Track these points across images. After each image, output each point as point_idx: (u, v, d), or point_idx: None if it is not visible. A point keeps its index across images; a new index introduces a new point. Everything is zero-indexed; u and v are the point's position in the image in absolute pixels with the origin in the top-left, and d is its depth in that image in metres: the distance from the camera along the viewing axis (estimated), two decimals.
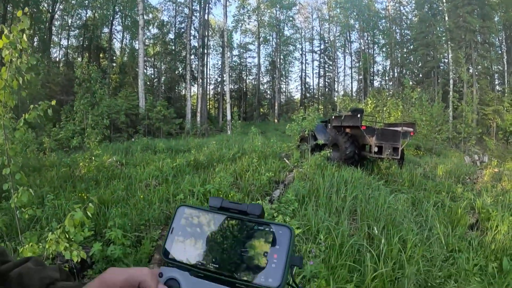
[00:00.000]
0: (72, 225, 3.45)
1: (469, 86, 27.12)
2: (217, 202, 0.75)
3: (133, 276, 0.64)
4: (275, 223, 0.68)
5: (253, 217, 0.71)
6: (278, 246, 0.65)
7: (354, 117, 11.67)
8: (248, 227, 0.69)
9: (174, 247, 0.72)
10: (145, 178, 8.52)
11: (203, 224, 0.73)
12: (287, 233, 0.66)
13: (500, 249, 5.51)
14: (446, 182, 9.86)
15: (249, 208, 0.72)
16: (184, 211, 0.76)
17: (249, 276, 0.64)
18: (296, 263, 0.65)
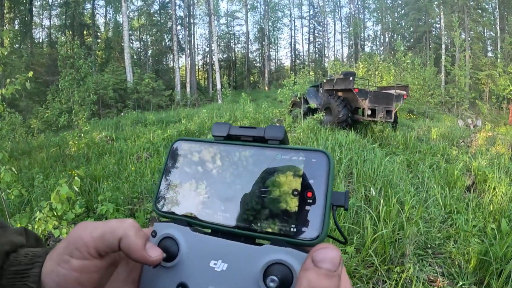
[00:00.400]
0: (58, 201, 3.29)
1: (462, 51, 26.97)
2: (223, 129, 0.57)
3: (110, 230, 0.46)
4: (306, 148, 0.50)
5: (273, 144, 0.52)
6: (312, 180, 0.47)
7: (346, 80, 11.47)
8: (268, 158, 0.51)
9: (170, 195, 0.56)
10: (136, 151, 8.51)
11: (207, 160, 0.55)
12: (324, 161, 0.48)
13: (498, 210, 5.45)
14: (441, 145, 9.75)
15: (267, 132, 0.53)
16: (180, 147, 0.58)
17: (274, 226, 0.47)
18: (339, 202, 0.48)
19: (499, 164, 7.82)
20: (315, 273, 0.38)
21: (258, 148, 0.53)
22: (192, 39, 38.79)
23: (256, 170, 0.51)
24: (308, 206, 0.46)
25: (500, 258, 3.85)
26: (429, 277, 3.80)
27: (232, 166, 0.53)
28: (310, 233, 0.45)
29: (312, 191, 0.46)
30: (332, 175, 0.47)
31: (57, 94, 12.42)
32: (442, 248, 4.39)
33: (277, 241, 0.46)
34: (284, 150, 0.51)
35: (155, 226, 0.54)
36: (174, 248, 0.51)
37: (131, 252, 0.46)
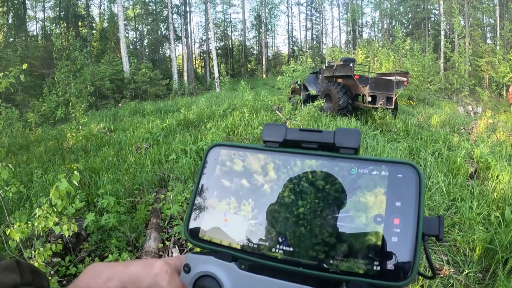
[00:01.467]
0: (58, 196, 3.17)
1: (461, 38, 26.81)
2: (278, 132, 0.44)
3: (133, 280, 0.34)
4: (389, 160, 0.39)
5: (347, 153, 0.41)
6: (399, 203, 0.37)
7: (346, 67, 11.33)
8: (340, 172, 0.40)
9: (208, 219, 0.43)
10: (135, 142, 8.44)
11: (256, 173, 0.43)
12: (413, 177, 0.37)
13: (502, 198, 5.39)
14: (442, 132, 9.69)
15: (338, 137, 0.41)
16: (219, 155, 0.45)
17: (353, 264, 0.36)
18: (432, 231, 0.37)
19: (501, 152, 7.76)
20: None
21: (326, 158, 0.42)
22: (189, 27, 38.47)
23: (325, 189, 0.40)
24: (395, 237, 0.36)
25: (506, 246, 3.81)
26: (435, 266, 3.76)
27: (291, 181, 0.42)
28: (397, 272, 0.35)
29: (399, 217, 0.37)
30: (423, 194, 0.38)
31: (54, 87, 12.40)
32: (447, 236, 4.35)
33: (356, 283, 0.36)
34: (361, 162, 0.41)
35: (188, 258, 0.42)
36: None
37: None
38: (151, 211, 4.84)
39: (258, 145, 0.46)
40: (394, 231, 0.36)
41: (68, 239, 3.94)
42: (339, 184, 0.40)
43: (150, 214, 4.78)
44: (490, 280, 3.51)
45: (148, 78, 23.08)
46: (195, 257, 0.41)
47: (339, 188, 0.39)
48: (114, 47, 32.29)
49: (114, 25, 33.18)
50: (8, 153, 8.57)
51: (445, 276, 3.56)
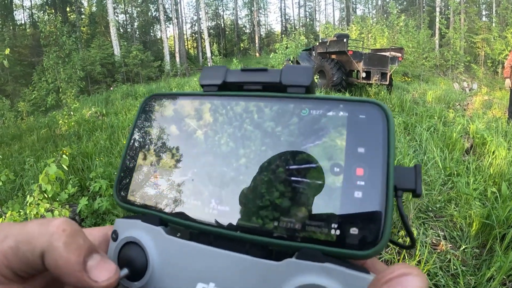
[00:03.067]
0: (47, 182, 3.13)
1: (456, 14, 26.66)
2: (217, 74, 0.37)
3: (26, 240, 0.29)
4: (348, 98, 0.33)
5: (297, 92, 0.34)
6: (362, 149, 0.30)
7: (340, 42, 11.24)
8: (289, 115, 0.33)
9: (138, 179, 0.38)
10: (128, 124, 8.38)
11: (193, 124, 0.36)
12: (379, 117, 0.31)
13: (498, 174, 5.34)
14: (437, 107, 9.64)
15: (285, 76, 0.34)
16: (154, 106, 0.39)
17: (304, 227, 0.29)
18: (407, 185, 0.29)
19: (497, 128, 7.72)
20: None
21: (272, 100, 0.34)
22: (179, 8, 38.33)
23: (270, 135, 0.32)
24: (359, 192, 0.28)
25: (503, 222, 3.77)
26: (432, 241, 3.71)
27: (231, 130, 0.34)
28: (362, 237, 0.27)
29: (363, 167, 0.29)
30: (393, 139, 0.30)
31: (43, 74, 12.29)
32: (444, 211, 4.31)
33: (307, 251, 0.28)
34: (314, 102, 0.33)
35: (117, 223, 0.36)
36: (142, 259, 0.32)
37: (62, 275, 0.28)
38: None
39: (196, 91, 0.39)
40: (356, 184, 0.29)
41: None
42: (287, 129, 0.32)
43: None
44: (488, 255, 3.47)
45: (140, 60, 23.07)
46: (122, 221, 0.35)
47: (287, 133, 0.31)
48: (103, 31, 32.42)
49: (103, 9, 32.93)
50: (0, 144, 8.55)
51: (442, 251, 3.51)
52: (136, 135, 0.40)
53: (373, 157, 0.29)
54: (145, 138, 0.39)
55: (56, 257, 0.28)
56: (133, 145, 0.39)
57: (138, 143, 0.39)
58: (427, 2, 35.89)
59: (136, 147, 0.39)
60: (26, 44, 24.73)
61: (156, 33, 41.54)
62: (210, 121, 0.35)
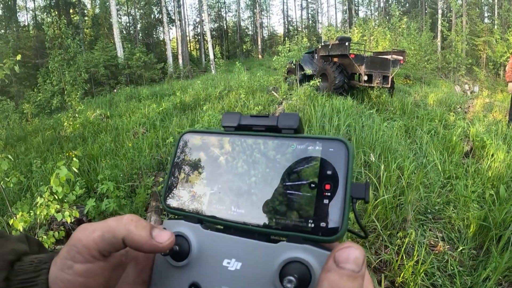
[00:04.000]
0: (58, 184, 3.25)
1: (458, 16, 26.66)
2: (233, 119, 0.55)
3: (109, 230, 0.44)
4: (323, 137, 0.47)
5: (288, 133, 0.50)
6: (330, 171, 0.44)
7: (342, 46, 11.25)
8: (282, 148, 0.48)
9: (179, 190, 0.53)
10: (132, 127, 8.53)
11: (217, 153, 0.53)
12: (342, 150, 0.45)
13: (497, 177, 5.44)
14: (438, 110, 9.71)
15: (280, 121, 0.50)
16: (189, 139, 0.56)
17: (290, 222, 0.44)
18: (359, 195, 0.44)
19: (497, 131, 7.79)
20: (338, 274, 0.35)
21: (271, 138, 0.50)
22: (182, 10, 38.21)
23: (270, 162, 0.48)
24: (327, 200, 0.43)
25: (499, 224, 3.85)
26: (430, 242, 3.80)
27: (244, 158, 0.50)
28: (328, 228, 0.42)
29: (330, 183, 0.43)
30: (351, 165, 0.43)
31: (48, 77, 12.45)
32: (442, 213, 4.39)
33: (294, 237, 0.43)
34: (299, 139, 0.48)
35: (165, 223, 0.51)
36: (185, 246, 0.48)
37: (139, 247, 0.43)
38: (150, 195, 4.91)
39: (219, 130, 0.55)
40: (325, 195, 0.43)
41: (70, 225, 3.99)
42: (280, 158, 0.47)
43: (149, 198, 4.86)
44: (484, 256, 3.55)
45: (143, 62, 23.13)
46: (169, 222, 0.51)
47: (280, 161, 0.47)
48: (107, 33, 32.28)
49: (106, 11, 32.99)
50: (6, 145, 8.72)
51: (440, 252, 3.60)
52: (176, 159, 0.55)
53: (336, 177, 0.43)
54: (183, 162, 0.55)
55: (133, 236, 0.42)
56: (175, 167, 0.55)
57: (178, 166, 0.55)
58: (430, 4, 35.83)
59: (177, 169, 0.54)
60: (30, 46, 24.73)
61: (159, 35, 41.50)
62: (229, 151, 0.51)
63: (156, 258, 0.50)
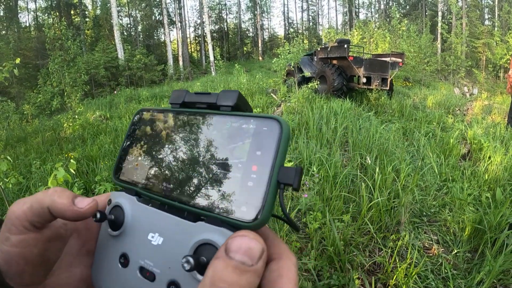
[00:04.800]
0: (56, 185, 3.26)
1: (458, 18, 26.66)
2: (179, 96, 0.54)
3: (36, 201, 0.45)
4: (258, 115, 0.44)
5: (225, 110, 0.48)
6: (260, 151, 0.41)
7: (341, 48, 11.24)
8: (218, 126, 0.47)
9: (126, 164, 0.54)
10: None
11: (161, 128, 0.53)
12: (275, 130, 0.41)
13: (493, 179, 5.45)
14: (437, 113, 9.70)
15: (220, 98, 0.49)
16: (142, 116, 0.57)
17: (211, 202, 0.42)
18: (287, 180, 0.39)
19: (495, 133, 7.79)
20: (224, 263, 0.32)
21: (210, 115, 0.49)
22: (183, 11, 38.18)
23: (205, 139, 0.47)
24: (251, 182, 0.40)
25: (495, 227, 3.86)
26: (424, 245, 3.80)
27: (182, 134, 0.50)
28: (248, 213, 0.39)
29: (257, 165, 0.40)
30: (283, 146, 0.40)
31: (48, 78, 12.44)
32: (437, 216, 4.38)
33: (213, 219, 0.41)
34: (235, 117, 0.46)
35: (111, 194, 0.52)
36: (121, 217, 0.49)
37: (62, 214, 0.45)
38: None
39: (167, 107, 0.55)
40: (250, 177, 0.40)
41: None
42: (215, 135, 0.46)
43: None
44: (479, 259, 3.55)
45: (143, 64, 23.18)
46: (114, 193, 0.53)
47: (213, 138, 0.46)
48: (107, 34, 32.16)
49: (107, 12, 32.93)
50: (6, 146, 8.70)
51: (434, 255, 3.60)
52: (128, 135, 0.57)
53: (265, 158, 0.40)
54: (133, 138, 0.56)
55: (56, 204, 0.44)
56: (126, 141, 0.57)
57: (128, 140, 0.56)
58: (430, 6, 35.83)
59: (127, 143, 0.56)
60: (31, 47, 24.74)
61: (159, 37, 41.39)
62: (171, 126, 0.52)
63: (102, 227, 0.51)
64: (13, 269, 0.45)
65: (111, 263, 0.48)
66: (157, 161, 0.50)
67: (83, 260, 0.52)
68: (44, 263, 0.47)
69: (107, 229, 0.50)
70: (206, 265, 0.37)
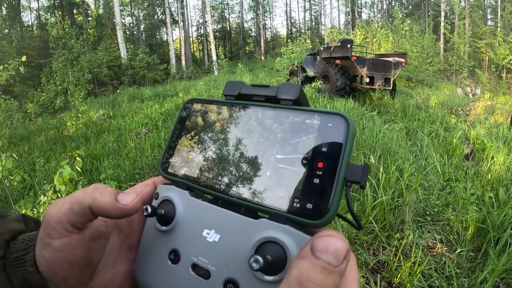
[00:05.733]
0: (61, 183, 3.30)
1: (461, 19, 26.57)
2: (234, 87, 0.51)
3: (76, 201, 0.43)
4: (322, 110, 0.42)
5: (286, 104, 0.46)
6: (325, 148, 0.39)
7: (344, 48, 11.25)
8: (279, 120, 0.45)
9: (176, 156, 0.52)
10: (134, 127, 8.50)
11: (215, 121, 0.51)
12: (342, 126, 0.39)
13: (496, 179, 5.45)
14: (440, 113, 9.70)
15: (280, 91, 0.47)
16: (191, 107, 0.54)
17: (275, 199, 0.40)
18: (354, 178, 0.38)
19: (498, 133, 7.78)
20: (311, 264, 0.31)
21: (269, 108, 0.47)
22: (185, 11, 38.11)
23: (265, 133, 0.45)
24: (317, 179, 0.38)
25: (498, 226, 3.87)
26: (428, 244, 3.81)
27: (239, 127, 0.48)
28: (314, 211, 0.37)
29: (323, 161, 0.39)
30: (350, 143, 0.39)
31: (51, 77, 12.45)
32: (441, 215, 4.40)
33: (276, 215, 0.40)
34: (297, 112, 0.44)
35: (158, 188, 0.50)
36: (171, 211, 0.47)
37: (106, 212, 0.43)
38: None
39: (221, 99, 0.52)
40: (316, 174, 0.38)
41: None
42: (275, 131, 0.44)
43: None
44: (482, 259, 3.56)
45: (146, 63, 23.09)
46: (162, 186, 0.50)
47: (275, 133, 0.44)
48: (110, 33, 32.11)
49: (109, 11, 32.82)
50: (9, 144, 8.66)
51: (438, 254, 3.61)
52: (177, 125, 0.54)
53: (331, 154, 0.38)
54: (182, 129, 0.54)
55: (98, 202, 0.42)
56: (175, 132, 0.54)
57: (178, 131, 0.54)
58: (432, 6, 35.75)
59: (176, 134, 0.54)
60: (33, 45, 24.72)
61: (162, 36, 41.29)
62: (226, 119, 0.50)
63: (147, 221, 0.50)
64: (58, 275, 0.44)
65: (159, 259, 0.47)
66: (211, 154, 0.48)
67: (127, 255, 0.51)
68: (89, 264, 0.46)
69: (155, 223, 0.48)
70: (271, 264, 0.36)
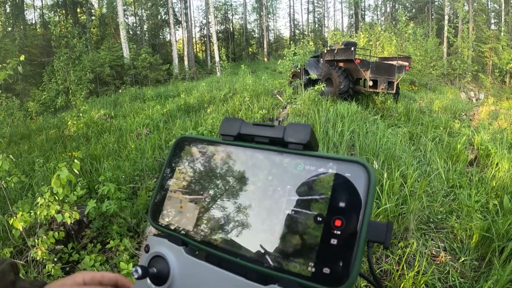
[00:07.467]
0: (59, 185, 3.23)
1: (465, 23, 26.56)
2: (233, 126, 0.45)
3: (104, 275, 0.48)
4: (339, 157, 0.37)
5: (295, 149, 0.40)
6: (343, 203, 0.35)
7: (347, 51, 11.19)
8: (287, 167, 0.39)
9: (168, 205, 0.46)
10: (135, 128, 8.45)
11: (211, 165, 0.44)
12: (362, 177, 0.35)
13: (501, 186, 5.37)
14: (443, 117, 9.64)
15: (288, 133, 0.41)
16: (183, 147, 0.48)
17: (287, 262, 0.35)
18: (377, 238, 0.34)
19: (502, 139, 7.73)
20: None
21: (275, 153, 0.41)
22: (189, 11, 38.07)
23: (271, 183, 0.39)
24: (335, 239, 0.34)
25: (502, 235, 3.80)
26: (432, 252, 3.76)
27: (241, 174, 0.42)
28: (333, 277, 0.33)
29: (341, 219, 0.34)
30: (371, 197, 0.34)
31: (53, 75, 12.45)
32: (445, 222, 4.34)
33: (288, 282, 0.35)
34: (309, 158, 0.38)
35: (149, 239, 0.46)
36: (165, 270, 0.42)
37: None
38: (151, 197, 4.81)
39: (217, 138, 0.46)
40: (334, 233, 0.34)
41: (70, 226, 3.96)
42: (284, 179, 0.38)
43: (151, 200, 4.75)
44: (486, 268, 3.51)
45: (148, 63, 22.99)
46: (153, 238, 0.45)
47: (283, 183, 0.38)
48: (113, 33, 32.09)
49: (113, 11, 32.70)
50: (10, 143, 8.70)
51: (441, 263, 3.56)
52: (168, 169, 0.48)
53: (351, 211, 0.34)
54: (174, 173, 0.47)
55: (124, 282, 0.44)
56: (165, 178, 0.48)
57: (169, 176, 0.48)
58: (436, 10, 35.74)
59: (167, 180, 0.48)
60: (36, 44, 24.77)
61: (165, 36, 41.34)
62: (225, 164, 0.43)
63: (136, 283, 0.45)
64: None
65: None
66: (211, 204, 0.43)
67: None
68: None
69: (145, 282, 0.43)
70: None
